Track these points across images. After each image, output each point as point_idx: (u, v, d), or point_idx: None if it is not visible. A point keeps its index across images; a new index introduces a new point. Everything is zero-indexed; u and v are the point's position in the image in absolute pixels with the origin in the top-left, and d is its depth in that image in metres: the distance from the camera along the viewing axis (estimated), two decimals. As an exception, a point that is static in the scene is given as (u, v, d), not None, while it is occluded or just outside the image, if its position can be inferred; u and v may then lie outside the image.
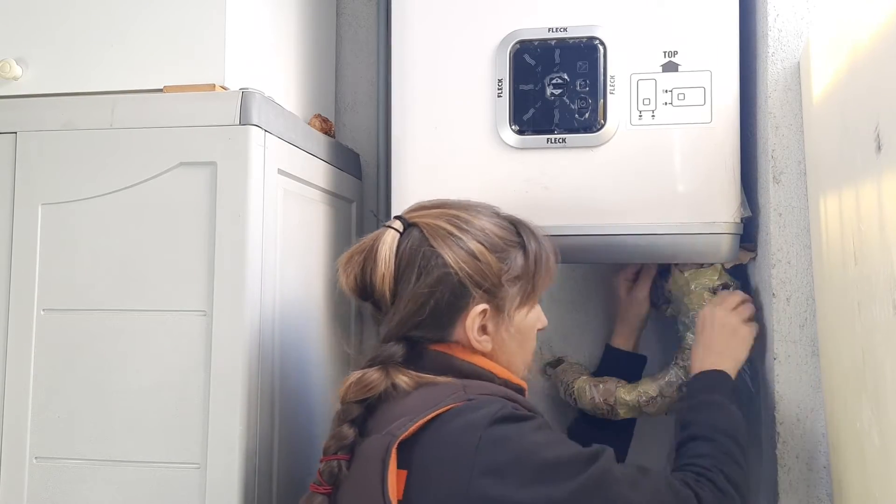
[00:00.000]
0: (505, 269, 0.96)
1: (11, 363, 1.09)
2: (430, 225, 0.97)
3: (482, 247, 0.95)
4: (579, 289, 1.47)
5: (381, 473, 0.84)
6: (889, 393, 0.72)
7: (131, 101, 1.11)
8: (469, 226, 0.97)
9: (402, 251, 0.96)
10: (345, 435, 0.92)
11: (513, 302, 0.98)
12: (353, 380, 0.94)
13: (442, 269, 0.94)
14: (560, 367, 1.39)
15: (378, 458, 0.86)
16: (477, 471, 0.83)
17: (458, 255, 0.94)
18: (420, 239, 0.96)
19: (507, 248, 0.98)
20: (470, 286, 0.94)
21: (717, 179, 1.14)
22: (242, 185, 1.06)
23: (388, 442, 0.86)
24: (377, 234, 0.98)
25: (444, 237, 0.95)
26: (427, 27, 1.22)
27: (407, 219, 0.99)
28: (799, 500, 1.08)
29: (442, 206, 1.01)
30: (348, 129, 1.59)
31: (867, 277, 0.76)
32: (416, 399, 0.90)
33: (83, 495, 1.06)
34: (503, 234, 0.99)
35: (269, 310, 1.11)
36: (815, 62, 0.99)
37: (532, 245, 1.00)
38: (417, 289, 0.94)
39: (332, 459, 0.91)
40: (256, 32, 1.22)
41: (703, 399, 1.06)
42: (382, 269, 0.95)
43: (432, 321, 0.95)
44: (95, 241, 1.09)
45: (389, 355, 0.94)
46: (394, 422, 0.88)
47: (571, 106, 1.16)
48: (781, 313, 1.09)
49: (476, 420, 0.85)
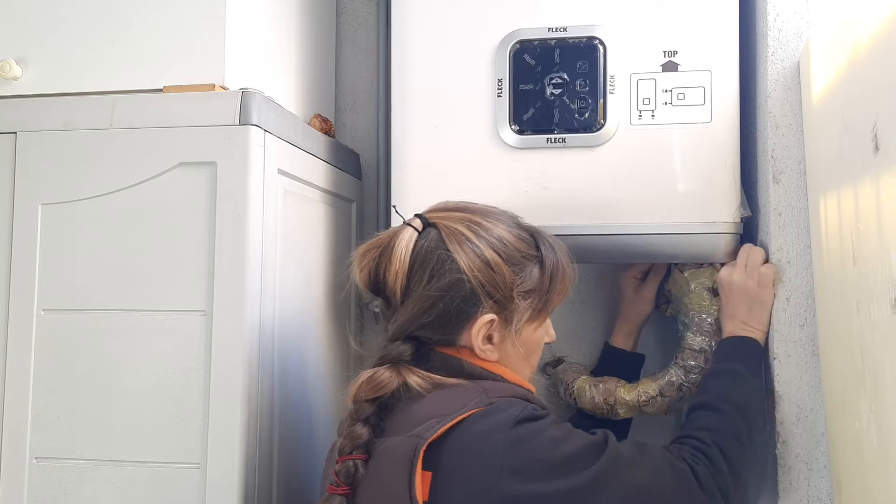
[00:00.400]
0: (518, 283, 0.96)
1: (11, 363, 1.09)
2: (448, 228, 0.96)
3: (498, 256, 0.95)
4: (579, 289, 1.47)
5: (408, 475, 0.85)
6: (888, 392, 0.72)
7: (131, 101, 1.11)
8: (487, 233, 0.96)
9: (418, 251, 0.95)
10: (358, 434, 0.91)
11: (522, 316, 0.97)
12: (363, 379, 0.94)
13: (455, 275, 0.94)
14: (560, 366, 1.38)
15: (405, 459, 0.86)
16: (505, 471, 0.85)
17: (473, 262, 0.94)
18: (437, 240, 0.95)
19: (523, 260, 0.97)
20: (481, 295, 0.94)
21: (717, 179, 1.13)
22: (242, 185, 1.06)
23: (415, 444, 0.86)
24: (395, 231, 0.98)
25: (462, 242, 0.95)
26: (427, 27, 1.22)
27: (427, 218, 0.99)
28: (799, 500, 1.08)
29: (464, 209, 1.00)
30: (348, 129, 1.59)
31: (866, 277, 0.76)
32: (439, 401, 0.91)
33: (83, 495, 1.06)
34: (521, 245, 0.98)
35: (269, 310, 1.11)
36: (815, 62, 0.99)
37: (549, 260, 0.99)
38: (428, 290, 0.94)
39: (349, 459, 0.91)
40: (256, 32, 1.23)
41: (724, 367, 1.08)
42: (396, 267, 0.95)
43: (438, 324, 0.95)
44: (95, 241, 1.09)
45: (398, 354, 0.95)
46: (417, 424, 0.88)
47: (571, 106, 1.16)
48: (781, 313, 1.09)
49: (501, 422, 0.87)
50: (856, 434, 0.84)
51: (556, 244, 1.01)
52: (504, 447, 0.85)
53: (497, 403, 0.89)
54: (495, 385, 0.94)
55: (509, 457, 0.85)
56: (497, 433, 0.86)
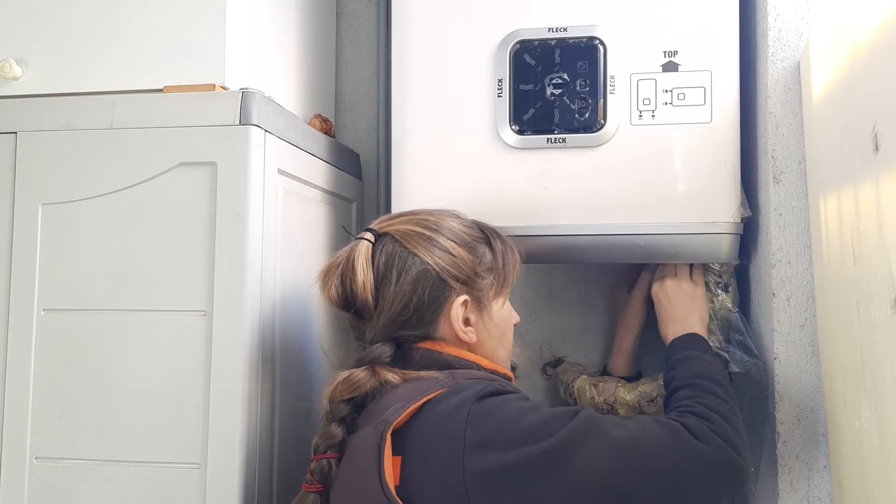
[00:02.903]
0: (477, 262, 1.01)
1: (11, 363, 1.09)
2: (401, 231, 1.01)
3: (453, 243, 1.00)
4: (579, 289, 1.47)
5: (377, 460, 0.86)
6: (888, 392, 0.72)
7: (131, 101, 1.11)
8: (439, 227, 1.01)
9: (378, 258, 0.99)
10: (333, 434, 0.95)
11: (489, 292, 1.02)
12: (339, 379, 0.96)
13: (420, 268, 0.97)
14: (560, 367, 1.39)
15: (373, 446, 0.87)
16: (469, 446, 0.84)
17: (434, 252, 0.98)
18: (394, 244, 1.00)
19: (475, 243, 1.03)
20: (448, 279, 0.98)
21: (717, 179, 1.13)
22: (242, 185, 1.06)
23: (381, 429, 0.87)
24: (351, 247, 1.01)
25: (417, 239, 0.99)
26: (427, 27, 1.22)
27: (377, 229, 1.02)
28: (799, 500, 1.08)
29: (409, 214, 1.05)
30: (348, 129, 1.59)
31: (865, 277, 0.76)
32: (405, 389, 0.93)
33: (83, 495, 1.06)
34: (469, 231, 1.04)
35: (269, 310, 1.11)
36: (815, 62, 0.99)
37: (496, 241, 1.05)
38: (399, 289, 0.97)
39: (323, 458, 0.94)
40: (256, 32, 1.23)
41: (677, 358, 1.09)
42: (362, 278, 0.98)
43: (417, 319, 0.98)
44: (95, 241, 1.09)
45: (377, 356, 0.97)
46: (384, 411, 0.90)
47: (571, 106, 1.16)
48: (781, 313, 1.09)
49: (463, 399, 0.88)
50: (856, 434, 0.84)
51: (496, 228, 1.07)
52: (466, 421, 0.85)
53: (461, 384, 0.91)
54: (467, 372, 0.96)
55: (472, 431, 0.85)
56: (460, 409, 0.87)
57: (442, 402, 0.89)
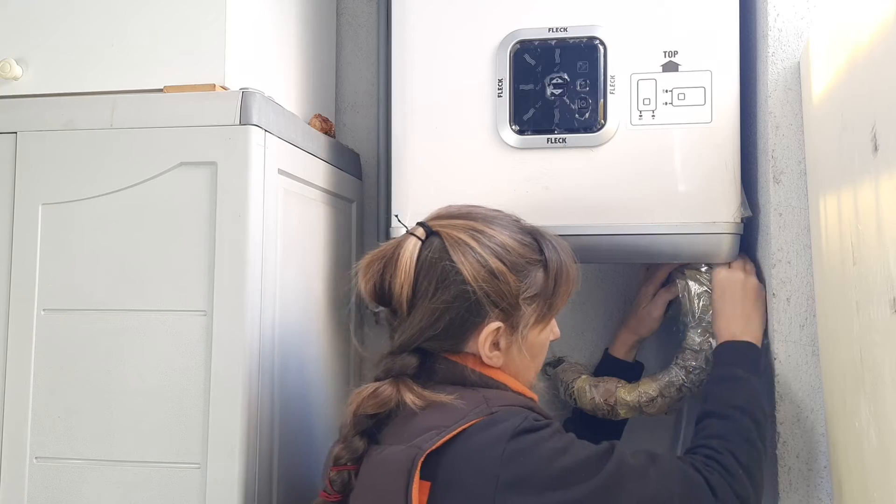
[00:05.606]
0: (523, 289, 0.96)
1: (11, 363, 1.09)
2: (451, 236, 0.96)
3: (502, 265, 0.94)
4: (579, 289, 1.47)
5: (405, 484, 0.85)
6: (887, 393, 0.72)
7: (131, 101, 1.11)
8: (490, 241, 0.95)
9: (423, 261, 0.95)
10: (356, 447, 0.94)
11: (528, 321, 0.97)
12: (366, 394, 0.94)
13: (460, 286, 0.93)
14: (560, 366, 1.38)
15: (402, 469, 0.86)
16: (502, 483, 0.84)
17: (478, 271, 0.93)
18: (441, 250, 0.95)
19: (527, 266, 0.97)
20: (486, 304, 0.94)
21: (717, 179, 1.13)
22: (242, 185, 1.06)
23: (413, 454, 0.86)
24: (399, 241, 0.98)
25: (465, 251, 0.94)
26: (427, 27, 1.22)
27: (430, 226, 0.98)
28: (799, 500, 1.08)
29: (466, 216, 0.99)
30: (348, 129, 1.59)
31: (865, 277, 0.76)
32: (440, 412, 0.90)
33: (83, 495, 1.07)
34: (524, 251, 0.97)
35: (269, 310, 1.11)
36: (815, 62, 0.99)
37: (553, 263, 0.99)
38: (434, 303, 0.94)
39: (344, 470, 0.93)
40: (256, 32, 1.23)
41: (725, 372, 1.07)
42: (402, 278, 0.95)
43: (445, 335, 0.95)
44: (95, 241, 1.09)
45: (402, 367, 0.95)
46: (418, 434, 0.88)
47: (571, 106, 1.16)
48: (781, 313, 1.09)
49: (500, 434, 0.86)
50: (856, 434, 0.84)
51: (559, 245, 1.01)
52: (501, 459, 0.84)
53: (497, 414, 0.89)
54: (497, 394, 0.94)
55: (506, 469, 0.84)
56: (495, 445, 0.85)
57: (477, 433, 0.87)
